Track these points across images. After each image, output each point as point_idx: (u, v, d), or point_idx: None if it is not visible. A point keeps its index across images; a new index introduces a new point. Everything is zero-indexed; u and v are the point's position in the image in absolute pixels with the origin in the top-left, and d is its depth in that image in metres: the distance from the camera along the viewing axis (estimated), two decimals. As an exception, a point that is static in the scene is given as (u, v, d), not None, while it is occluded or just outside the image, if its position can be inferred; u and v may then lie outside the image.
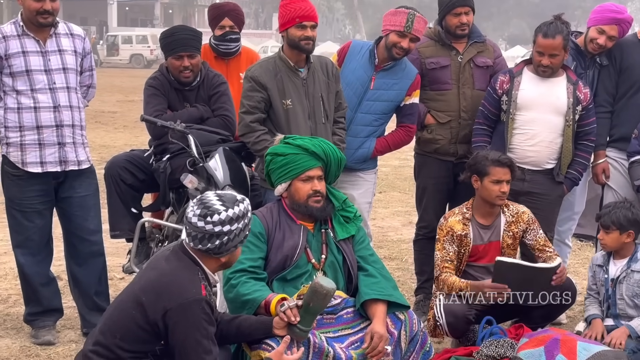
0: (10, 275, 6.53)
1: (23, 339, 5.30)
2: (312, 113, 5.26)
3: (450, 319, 4.99)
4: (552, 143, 5.54)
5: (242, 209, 3.65)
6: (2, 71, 5.03)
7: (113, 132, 16.01)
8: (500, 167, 5.11)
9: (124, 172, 5.63)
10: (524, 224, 5.23)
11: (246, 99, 5.25)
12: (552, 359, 4.45)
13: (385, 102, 5.62)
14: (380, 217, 9.17)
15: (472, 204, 5.28)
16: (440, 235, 5.22)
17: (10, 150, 5.10)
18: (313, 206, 4.28)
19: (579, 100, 5.51)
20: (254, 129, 5.22)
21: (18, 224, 5.22)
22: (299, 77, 5.26)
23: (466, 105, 5.75)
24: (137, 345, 3.49)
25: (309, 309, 3.83)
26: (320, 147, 4.31)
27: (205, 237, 3.58)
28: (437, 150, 5.83)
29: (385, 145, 5.72)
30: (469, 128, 5.75)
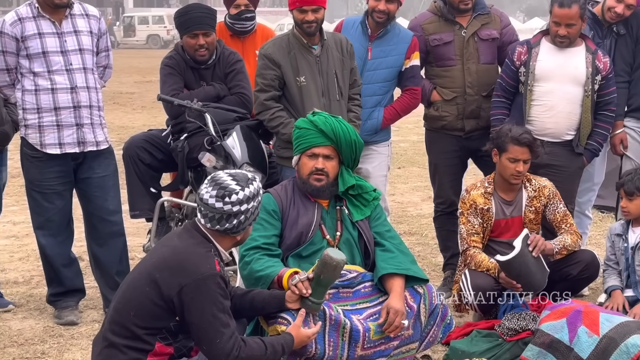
0: (33, 257, 6.58)
1: (46, 320, 5.35)
2: (326, 90, 5.25)
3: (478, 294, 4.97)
4: (571, 114, 5.48)
5: (256, 187, 3.66)
6: (19, 53, 5.04)
7: (131, 112, 16.05)
8: (519, 146, 5.07)
9: (142, 152, 5.64)
10: (545, 199, 5.20)
11: (260, 77, 5.26)
12: (575, 331, 4.43)
13: (386, 70, 5.61)
14: (399, 192, 9.16)
15: (494, 178, 5.25)
16: (464, 208, 5.19)
17: (28, 132, 5.12)
18: (312, 184, 4.27)
19: (599, 69, 5.45)
20: (269, 107, 5.22)
21: (38, 205, 5.25)
22: (313, 54, 5.26)
23: (471, 81, 5.69)
24: (152, 321, 3.51)
25: (320, 281, 3.84)
26: (331, 125, 4.26)
27: (223, 217, 3.59)
28: (444, 127, 5.79)
29: (394, 113, 5.69)
30: (475, 103, 5.71)
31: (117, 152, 5.50)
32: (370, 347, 4.03)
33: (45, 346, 4.92)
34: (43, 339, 5.04)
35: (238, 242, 3.74)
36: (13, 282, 6.09)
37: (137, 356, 3.51)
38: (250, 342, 3.58)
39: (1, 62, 5.04)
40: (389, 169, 5.94)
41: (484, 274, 5.00)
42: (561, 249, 5.08)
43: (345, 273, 4.13)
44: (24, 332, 5.14)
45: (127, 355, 3.50)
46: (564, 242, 5.10)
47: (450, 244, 5.79)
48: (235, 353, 3.50)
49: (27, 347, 4.90)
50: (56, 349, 4.88)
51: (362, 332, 3.98)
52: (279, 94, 5.28)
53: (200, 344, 3.55)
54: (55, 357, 4.77)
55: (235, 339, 3.51)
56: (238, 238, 3.70)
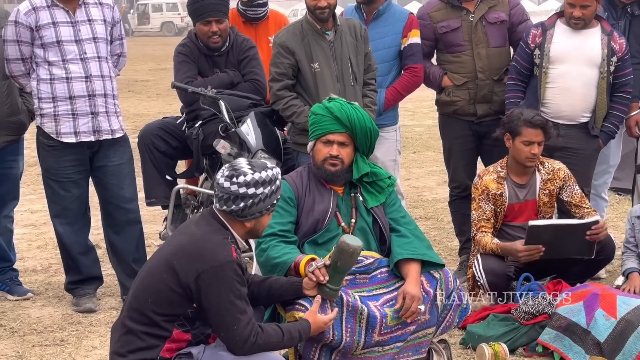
0: (50, 245, 6.62)
1: (65, 307, 5.38)
2: (341, 76, 5.24)
3: (490, 278, 4.99)
4: (587, 96, 5.45)
5: (269, 175, 3.63)
6: (34, 43, 5.06)
7: (146, 100, 16.08)
8: (533, 129, 5.05)
9: (157, 139, 5.66)
10: (560, 181, 5.19)
11: (274, 66, 5.27)
12: (592, 314, 4.42)
13: (384, 50, 5.61)
14: (415, 177, 9.15)
15: (507, 162, 5.24)
16: (476, 194, 5.19)
17: (44, 121, 5.14)
18: (327, 169, 4.26)
19: (614, 51, 5.41)
20: (282, 97, 5.24)
21: (55, 194, 5.28)
22: (326, 40, 5.25)
23: (482, 66, 5.67)
24: (170, 308, 3.52)
25: (337, 267, 3.83)
26: (346, 113, 4.24)
27: (230, 198, 3.60)
28: (456, 112, 5.78)
29: (395, 93, 5.68)
30: (487, 88, 5.68)
31: (132, 140, 5.52)
32: (387, 333, 4.03)
33: (64, 333, 4.96)
34: (62, 326, 5.08)
35: (249, 230, 3.71)
36: (32, 270, 6.13)
37: (155, 342, 3.53)
38: (268, 329, 3.59)
39: (16, 52, 5.06)
40: (399, 154, 5.93)
41: (496, 257, 5.01)
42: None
43: (362, 259, 4.13)
44: (43, 320, 5.18)
45: (145, 342, 3.52)
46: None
47: (466, 228, 5.78)
48: (253, 339, 3.51)
49: (46, 335, 4.94)
50: (75, 336, 4.92)
51: (379, 318, 3.98)
52: (293, 83, 5.28)
53: (217, 330, 3.56)
54: (74, 344, 4.80)
55: (252, 326, 3.52)
56: (247, 225, 3.67)
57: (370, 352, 4.03)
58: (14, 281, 5.61)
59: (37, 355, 4.65)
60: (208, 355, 3.56)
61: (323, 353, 3.99)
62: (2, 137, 5.32)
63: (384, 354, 4.04)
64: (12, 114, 5.33)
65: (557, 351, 4.48)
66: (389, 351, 4.05)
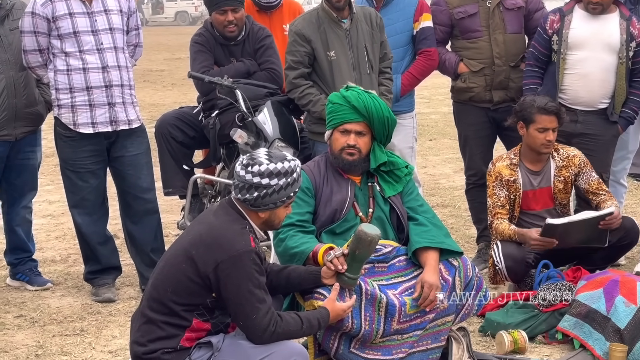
0: (69, 235, 6.65)
1: (84, 297, 5.41)
2: (357, 64, 5.24)
3: (509, 263, 4.99)
4: (605, 82, 5.41)
5: (285, 167, 3.61)
6: (50, 34, 5.07)
7: (162, 90, 16.10)
8: (547, 115, 5.03)
9: (174, 129, 5.67)
10: (575, 168, 5.16)
11: (290, 54, 5.26)
12: (612, 301, 4.41)
13: (396, 36, 5.61)
14: (431, 164, 9.13)
15: (520, 149, 5.21)
16: (490, 181, 5.19)
17: (61, 112, 5.15)
18: (345, 158, 4.25)
19: (633, 36, 5.37)
20: (298, 85, 5.24)
21: (73, 184, 5.30)
22: (342, 28, 5.24)
23: (499, 52, 5.64)
24: (189, 298, 3.54)
25: (356, 256, 3.83)
26: (363, 102, 4.21)
27: (245, 187, 3.60)
28: (472, 99, 5.75)
29: (411, 77, 5.68)
30: (503, 74, 5.66)
31: (148, 130, 5.53)
32: (406, 321, 4.03)
33: (84, 323, 4.99)
34: (81, 316, 5.11)
35: (264, 221, 3.70)
36: (51, 261, 6.16)
37: (175, 332, 3.54)
38: (287, 317, 3.59)
39: (33, 43, 5.08)
40: (415, 141, 5.93)
41: (516, 243, 5.00)
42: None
43: (380, 248, 4.13)
44: (63, 310, 5.21)
45: (165, 331, 3.54)
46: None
47: (483, 216, 5.76)
48: (272, 328, 3.51)
49: (66, 324, 4.97)
50: (94, 326, 4.94)
51: (398, 306, 3.98)
52: (309, 71, 5.27)
53: (236, 319, 3.57)
54: (93, 334, 4.83)
55: (271, 315, 3.53)
56: (261, 215, 3.66)
57: (389, 341, 4.03)
58: (33, 271, 5.65)
59: (57, 345, 4.68)
60: (227, 344, 3.57)
61: (342, 341, 3.99)
62: (20, 128, 5.34)
63: (403, 342, 4.05)
64: (29, 105, 5.35)
65: (577, 338, 4.47)
66: (408, 339, 4.05)
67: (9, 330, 4.91)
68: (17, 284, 5.62)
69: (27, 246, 5.67)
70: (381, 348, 4.02)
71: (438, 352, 4.15)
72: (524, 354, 4.47)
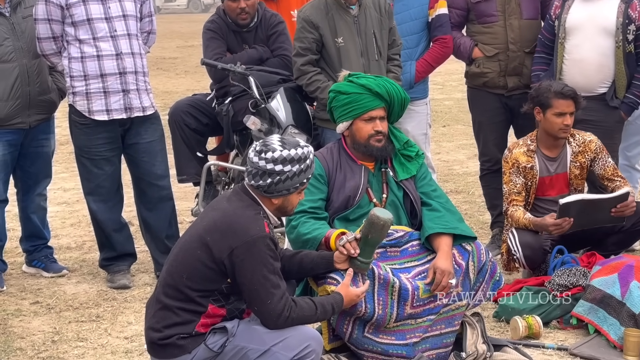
0: (84, 223, 6.68)
1: (99, 284, 5.44)
2: (365, 50, 5.23)
3: (527, 252, 4.97)
4: (603, 67, 5.35)
5: (298, 153, 3.61)
6: (64, 21, 5.08)
7: (175, 77, 16.13)
8: (564, 99, 5.00)
9: (187, 116, 5.68)
10: (591, 153, 5.14)
11: (298, 40, 5.26)
12: (627, 286, 4.40)
13: (411, 22, 5.61)
14: (445, 150, 9.12)
15: (537, 135, 5.19)
16: (506, 167, 5.16)
17: (76, 100, 5.17)
18: (374, 145, 4.25)
19: (632, 19, 5.29)
20: (306, 72, 5.24)
21: (88, 171, 5.32)
22: (350, 15, 5.24)
23: (514, 37, 5.61)
24: (204, 283, 3.55)
25: (368, 241, 3.83)
26: (384, 87, 4.23)
27: (258, 173, 3.60)
28: (486, 84, 5.73)
29: (426, 64, 5.68)
30: (518, 60, 5.63)
31: (162, 117, 5.54)
32: (420, 306, 4.03)
33: (100, 309, 5.02)
34: (97, 302, 5.14)
35: (277, 207, 3.70)
36: (66, 248, 6.20)
37: (190, 318, 3.56)
38: (301, 303, 3.60)
39: (47, 30, 5.09)
40: (429, 127, 5.92)
41: (531, 231, 4.99)
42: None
43: (393, 232, 4.13)
44: (79, 296, 5.24)
45: (180, 317, 3.55)
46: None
47: (497, 202, 5.76)
48: (287, 314, 3.53)
49: (82, 311, 5.00)
50: (110, 312, 4.97)
51: (411, 290, 3.98)
52: (316, 58, 5.27)
53: (251, 305, 3.58)
54: (109, 320, 4.85)
55: (286, 300, 3.54)
56: (274, 201, 3.66)
57: (403, 325, 4.04)
58: (49, 258, 5.68)
59: (73, 331, 4.71)
60: (242, 329, 3.58)
61: (356, 326, 4.00)
62: (34, 115, 5.36)
63: (417, 327, 4.05)
64: (42, 92, 5.37)
65: (592, 323, 4.46)
66: (422, 324, 4.06)
67: (26, 316, 4.94)
68: (33, 271, 5.66)
69: (42, 233, 5.70)
70: (395, 332, 4.03)
71: (452, 337, 4.16)
72: (538, 339, 4.47)
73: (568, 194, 5.18)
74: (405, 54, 5.60)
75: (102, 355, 4.41)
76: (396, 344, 4.02)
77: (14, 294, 5.29)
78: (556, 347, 4.37)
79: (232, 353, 3.55)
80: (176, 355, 3.56)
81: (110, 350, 4.46)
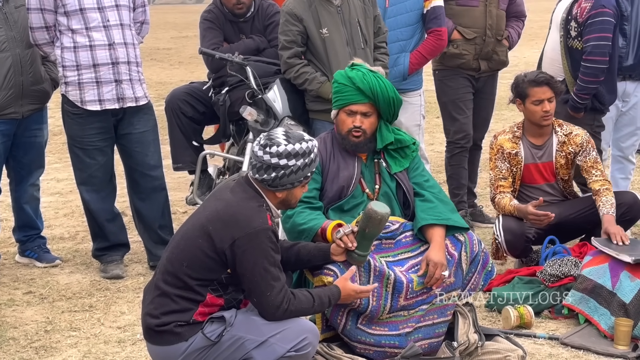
0: (77, 213, 6.68)
1: (93, 274, 5.45)
2: (350, 39, 5.24)
3: (508, 237, 5.01)
4: (554, 60, 5.64)
5: (304, 147, 3.62)
6: (57, 11, 5.07)
7: (169, 68, 16.10)
8: (538, 87, 5.07)
9: (184, 104, 5.68)
10: (576, 147, 5.14)
11: (282, 34, 5.26)
12: (617, 276, 4.42)
13: (406, 14, 5.68)
14: (438, 141, 9.13)
15: (523, 123, 5.23)
16: (492, 154, 5.21)
17: (69, 90, 5.17)
18: (350, 140, 4.25)
19: (573, 15, 5.44)
20: (292, 64, 5.25)
21: (81, 161, 5.32)
22: (334, 5, 5.26)
23: (491, 24, 5.91)
24: (204, 273, 3.55)
25: (365, 234, 3.84)
26: (368, 83, 4.19)
27: (263, 167, 3.61)
28: (460, 66, 5.97)
29: (420, 57, 5.73)
30: (491, 46, 5.94)
31: (156, 108, 5.54)
32: (413, 297, 4.04)
33: (93, 299, 5.02)
34: (90, 292, 5.14)
35: (281, 201, 3.71)
36: (59, 238, 6.20)
37: (188, 306, 3.56)
38: (299, 295, 3.61)
39: (40, 20, 5.08)
40: (423, 118, 5.95)
41: (516, 218, 5.02)
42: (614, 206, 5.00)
43: (389, 225, 4.13)
44: (72, 286, 5.24)
45: (179, 305, 3.55)
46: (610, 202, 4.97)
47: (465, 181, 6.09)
48: (285, 306, 3.54)
49: (75, 301, 5.01)
50: (103, 302, 4.98)
51: (406, 283, 3.99)
52: (302, 50, 5.28)
53: (250, 296, 3.59)
54: (102, 310, 4.86)
55: (285, 292, 3.55)
56: (278, 195, 3.67)
57: (395, 316, 4.05)
58: (42, 248, 5.68)
59: (66, 321, 4.72)
60: (240, 319, 3.59)
61: (350, 318, 4.00)
62: (27, 105, 5.35)
63: (410, 317, 4.06)
64: (35, 82, 5.36)
65: (583, 313, 4.49)
66: (414, 314, 4.06)
67: (19, 306, 4.95)
68: (26, 261, 5.66)
69: (35, 223, 5.70)
70: (388, 324, 4.04)
71: (444, 327, 4.17)
72: (529, 329, 4.49)
73: (555, 183, 5.21)
74: (399, 46, 5.62)
75: (95, 344, 4.42)
76: (389, 335, 4.03)
77: (6, 284, 5.30)
78: (547, 337, 4.39)
79: (229, 343, 3.56)
80: (173, 342, 3.57)
81: (103, 340, 4.47)
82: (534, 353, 4.22)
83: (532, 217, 4.94)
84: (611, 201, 4.94)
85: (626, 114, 5.73)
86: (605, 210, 4.89)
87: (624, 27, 5.52)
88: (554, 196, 5.25)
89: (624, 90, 5.69)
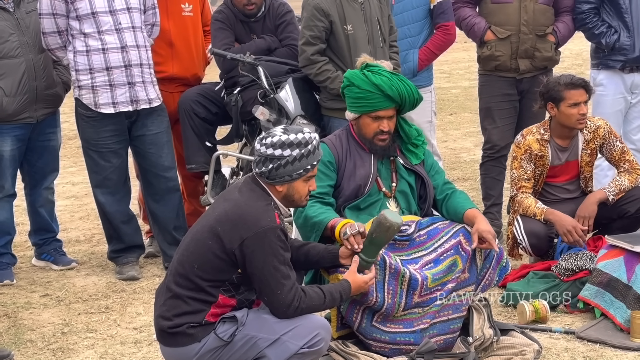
0: (92, 216, 6.71)
1: (108, 276, 5.47)
2: (372, 37, 5.24)
3: (533, 241, 4.97)
4: None
5: (299, 138, 3.61)
6: (69, 15, 5.10)
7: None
8: (575, 89, 4.99)
9: (196, 105, 5.69)
10: (600, 139, 5.12)
11: (307, 29, 5.22)
12: (632, 269, 4.40)
13: (413, 10, 5.61)
14: (452, 138, 9.12)
15: (550, 125, 5.15)
16: (518, 153, 5.12)
17: (82, 93, 5.19)
18: (377, 144, 4.25)
19: None
20: (315, 61, 5.22)
21: (95, 164, 5.34)
22: (358, 2, 5.25)
23: (527, 19, 5.61)
24: (215, 274, 3.56)
25: (373, 239, 3.81)
26: (397, 89, 4.19)
27: (261, 160, 3.62)
28: (497, 67, 5.71)
29: (429, 52, 5.66)
30: (529, 42, 5.63)
31: (168, 109, 5.56)
32: (427, 294, 4.05)
33: (109, 301, 5.05)
34: (106, 294, 5.17)
35: (285, 196, 3.68)
36: (75, 241, 6.23)
37: (201, 307, 3.57)
38: (310, 292, 3.61)
39: (52, 25, 5.11)
40: (435, 115, 5.91)
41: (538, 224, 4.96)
42: (617, 193, 5.01)
43: (405, 228, 4.12)
44: (88, 288, 5.27)
45: (191, 306, 3.57)
46: (620, 185, 5.01)
47: (492, 192, 5.82)
48: (296, 304, 3.54)
49: (92, 303, 5.04)
50: (119, 304, 5.00)
51: (421, 280, 3.99)
52: (325, 47, 5.26)
53: (261, 295, 3.60)
54: (118, 311, 4.89)
55: (296, 290, 3.55)
56: (279, 189, 3.66)
57: (410, 314, 4.05)
58: (58, 251, 5.71)
59: (83, 323, 4.74)
60: (252, 318, 3.60)
61: (365, 315, 4.01)
62: (40, 110, 5.39)
63: (425, 314, 4.06)
64: (49, 86, 5.40)
65: (598, 307, 4.47)
66: (429, 310, 4.07)
67: (35, 309, 4.98)
68: (42, 264, 5.70)
69: (50, 227, 5.74)
70: (403, 321, 4.04)
71: (459, 322, 4.17)
72: (545, 324, 4.48)
73: (577, 180, 5.18)
74: (407, 42, 5.59)
75: (112, 345, 4.44)
76: (404, 332, 4.03)
77: (23, 287, 5.33)
78: (563, 331, 4.38)
79: (242, 342, 3.57)
80: (186, 343, 3.58)
81: (119, 341, 4.49)
82: (550, 347, 4.22)
83: (571, 236, 4.89)
84: (621, 183, 5.01)
85: (636, 106, 5.70)
86: (607, 188, 5.01)
87: (625, 19, 5.51)
88: (572, 193, 5.21)
89: (632, 81, 5.68)
